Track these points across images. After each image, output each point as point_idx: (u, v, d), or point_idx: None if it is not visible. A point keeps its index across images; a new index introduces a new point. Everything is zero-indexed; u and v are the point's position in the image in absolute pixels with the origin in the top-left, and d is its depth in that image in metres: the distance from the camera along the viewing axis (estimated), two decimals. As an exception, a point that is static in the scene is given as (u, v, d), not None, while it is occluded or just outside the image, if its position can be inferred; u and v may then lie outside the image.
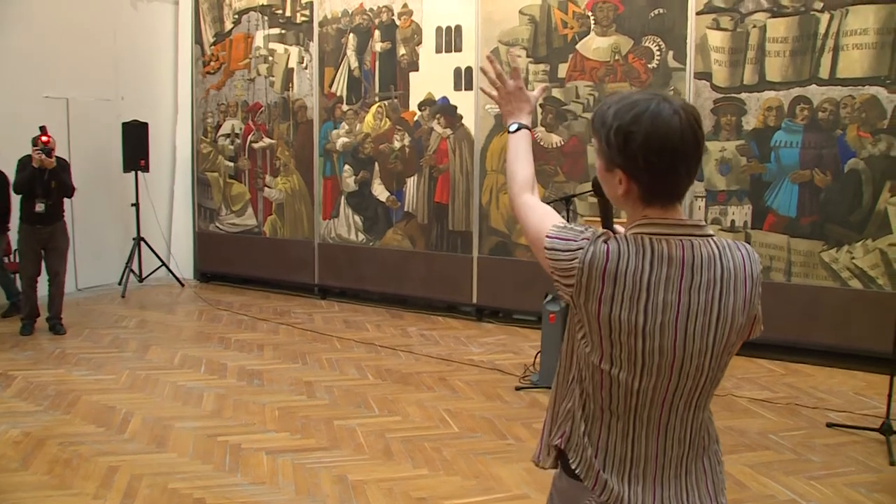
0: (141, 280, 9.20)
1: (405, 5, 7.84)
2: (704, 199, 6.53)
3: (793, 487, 3.92)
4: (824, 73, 6.01)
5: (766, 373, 5.89)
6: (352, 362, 6.12)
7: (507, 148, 1.95)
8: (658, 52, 6.63)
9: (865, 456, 4.31)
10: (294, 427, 4.69)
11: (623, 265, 1.50)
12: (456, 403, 5.14)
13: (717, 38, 6.36)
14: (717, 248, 1.55)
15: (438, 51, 7.71)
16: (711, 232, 1.59)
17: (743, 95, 6.30)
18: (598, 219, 1.82)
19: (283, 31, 8.70)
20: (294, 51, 8.63)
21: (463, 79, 7.60)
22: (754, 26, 6.21)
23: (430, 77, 7.78)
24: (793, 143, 6.15)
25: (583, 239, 1.55)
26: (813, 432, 4.64)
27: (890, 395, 4.51)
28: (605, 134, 1.55)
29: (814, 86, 6.04)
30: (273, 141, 8.88)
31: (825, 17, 5.98)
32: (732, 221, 6.41)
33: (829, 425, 4.72)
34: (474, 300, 7.74)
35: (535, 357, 5.94)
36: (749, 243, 6.59)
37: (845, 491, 3.86)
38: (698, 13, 6.41)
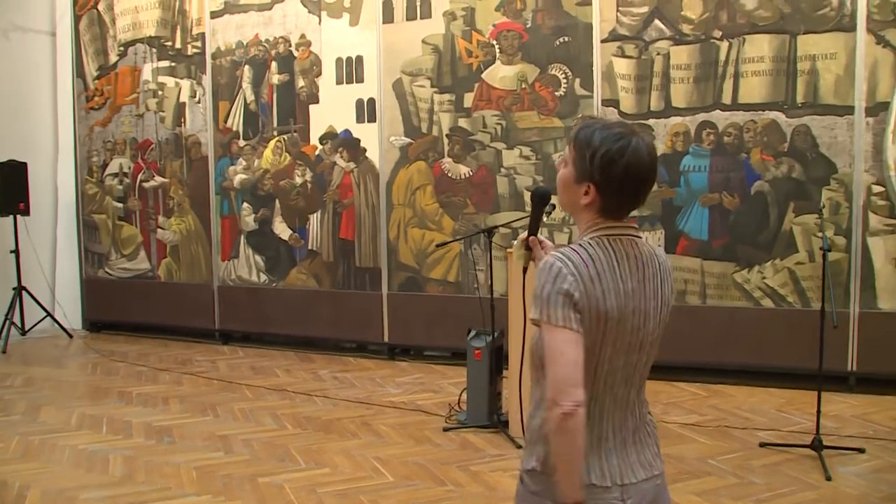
0: (24, 333, 8.52)
1: (303, 36, 7.62)
2: (616, 225, 6.53)
3: (740, 513, 3.86)
4: (727, 98, 6.14)
5: (689, 396, 5.89)
6: (266, 411, 5.75)
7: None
8: (565, 80, 6.65)
9: (802, 473, 4.29)
10: (215, 488, 4.27)
11: (600, 265, 1.77)
12: (384, 450, 4.86)
13: (622, 66, 6.42)
14: (649, 246, 1.89)
15: (339, 82, 7.51)
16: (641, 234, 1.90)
17: (651, 121, 6.36)
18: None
19: (173, 64, 8.31)
20: (185, 84, 8.24)
21: (365, 111, 7.42)
22: (658, 54, 6.30)
23: (331, 109, 7.56)
24: (701, 167, 6.25)
25: (568, 279, 1.74)
26: (748, 454, 4.61)
27: (819, 411, 4.55)
28: (591, 153, 1.78)
29: (718, 111, 6.16)
30: (165, 179, 8.43)
31: (724, 45, 6.13)
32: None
33: (762, 445, 4.71)
34: (386, 338, 7.50)
35: (460, 395, 5.75)
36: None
37: (792, 512, 3.84)
38: (603, 41, 6.46)
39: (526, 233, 2.09)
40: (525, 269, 2.10)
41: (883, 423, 5.20)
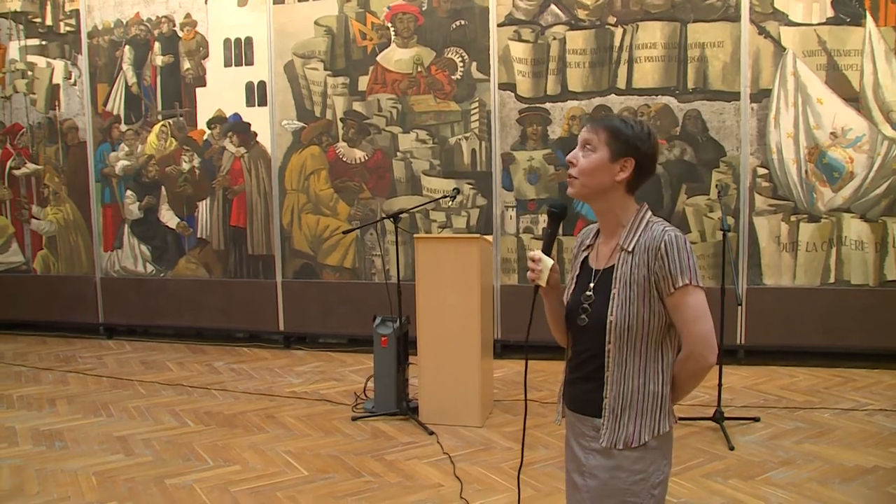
0: None
1: (188, 15, 7.28)
2: (515, 209, 6.59)
3: (654, 487, 3.95)
4: (622, 83, 6.28)
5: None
6: (164, 408, 5.48)
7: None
8: (461, 64, 6.63)
9: (707, 444, 4.46)
10: (120, 494, 4.01)
11: None
12: (294, 443, 4.72)
13: (519, 50, 6.46)
14: None
15: (228, 64, 7.23)
16: None
17: (547, 105, 6.43)
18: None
19: (43, 43, 7.78)
20: (59, 65, 7.74)
21: (256, 94, 7.18)
22: (554, 38, 6.37)
23: (220, 93, 7.28)
24: (597, 150, 6.35)
25: (691, 248, 2.01)
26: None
27: (720, 385, 4.75)
28: (629, 131, 2.04)
29: (613, 95, 6.30)
30: (39, 166, 7.90)
31: (619, 32, 6.26)
32: (544, 229, 6.53)
33: (667, 421, 4.88)
34: (281, 327, 7.32)
35: (366, 383, 5.67)
36: (561, 250, 6.71)
37: (704, 482, 3.94)
38: (499, 25, 6.48)
39: (541, 250, 2.16)
40: (538, 288, 2.18)
41: (772, 392, 5.47)
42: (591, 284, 2.09)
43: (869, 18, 5.85)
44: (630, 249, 2.01)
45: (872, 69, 5.88)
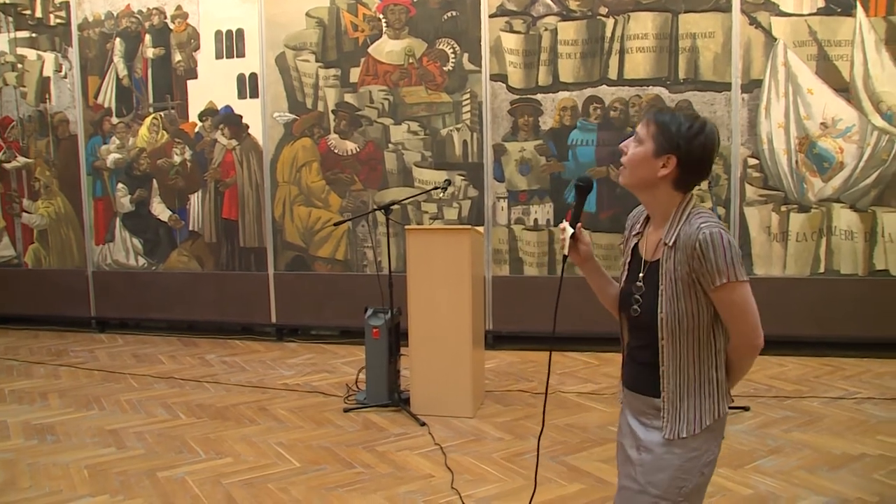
0: None
1: (179, 7, 7.26)
2: (507, 200, 6.60)
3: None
4: (613, 74, 6.29)
5: (583, 366, 6.04)
6: (156, 401, 5.48)
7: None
8: (453, 55, 6.62)
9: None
10: (112, 487, 4.01)
11: None
12: (286, 435, 4.73)
13: (510, 41, 6.46)
14: None
15: (219, 56, 7.22)
16: None
17: (539, 96, 6.44)
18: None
19: (33, 35, 7.74)
20: (49, 57, 7.71)
21: (247, 86, 7.17)
22: (546, 29, 6.37)
23: (211, 85, 7.26)
24: (588, 141, 6.38)
25: (734, 243, 2.00)
26: (645, 419, 4.77)
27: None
28: (675, 127, 2.02)
29: (604, 86, 6.31)
30: (30, 160, 7.87)
31: (610, 22, 6.27)
32: (535, 220, 6.54)
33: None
34: (273, 319, 7.32)
35: (358, 374, 5.68)
36: (552, 241, 6.70)
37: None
38: (491, 16, 6.47)
39: (567, 221, 2.21)
40: (566, 257, 2.23)
41: (762, 382, 5.50)
42: (641, 275, 2.14)
43: (859, 9, 5.86)
44: (671, 245, 2.05)
45: (863, 59, 5.90)
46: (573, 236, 2.20)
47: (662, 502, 2.08)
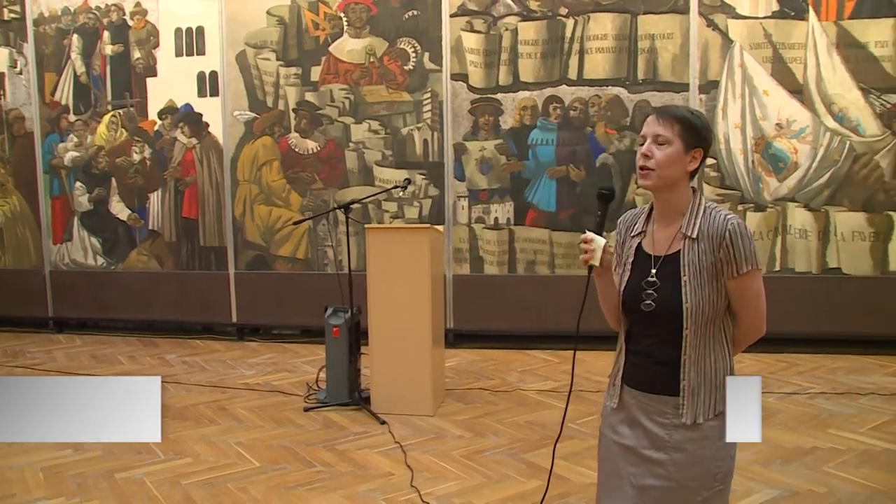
0: None
1: (138, 4, 7.17)
2: (467, 199, 6.63)
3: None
4: (573, 74, 6.34)
5: (542, 363, 6.09)
6: (114, 400, 5.42)
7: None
8: (414, 54, 6.63)
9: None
10: (68, 489, 3.96)
11: None
12: (246, 434, 4.71)
13: (471, 40, 6.48)
14: None
15: (179, 54, 7.15)
16: None
17: (499, 96, 6.47)
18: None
19: (-13, 31, 7.63)
20: (4, 53, 7.57)
21: (208, 84, 7.11)
22: (506, 29, 6.41)
23: (171, 83, 7.19)
24: (548, 140, 6.43)
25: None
26: (603, 416, 4.82)
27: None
28: (699, 123, 2.16)
29: (564, 86, 6.36)
30: (-16, 157, 7.76)
31: (570, 23, 6.32)
32: (496, 219, 6.57)
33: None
34: (234, 319, 7.28)
35: (318, 374, 5.67)
36: (513, 240, 6.77)
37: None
38: (452, 15, 6.49)
39: (594, 232, 2.20)
40: (591, 268, 2.21)
41: (719, 380, 5.55)
42: (653, 270, 2.18)
43: (811, 13, 5.98)
44: (694, 236, 2.13)
45: (815, 62, 6.01)
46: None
47: (705, 492, 2.15)
